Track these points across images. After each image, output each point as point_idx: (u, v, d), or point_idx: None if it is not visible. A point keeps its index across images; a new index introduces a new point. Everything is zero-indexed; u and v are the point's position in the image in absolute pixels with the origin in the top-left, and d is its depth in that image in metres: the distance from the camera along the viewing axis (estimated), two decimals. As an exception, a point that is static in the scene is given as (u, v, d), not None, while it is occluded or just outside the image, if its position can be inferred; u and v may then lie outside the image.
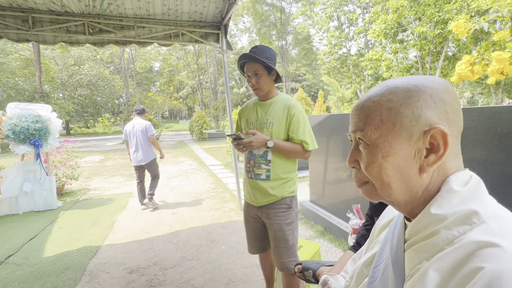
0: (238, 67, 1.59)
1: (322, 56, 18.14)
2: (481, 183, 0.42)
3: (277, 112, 1.53)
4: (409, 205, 0.45)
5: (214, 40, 3.71)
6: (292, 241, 1.56)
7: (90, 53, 25.07)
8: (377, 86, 0.47)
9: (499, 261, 0.32)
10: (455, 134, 0.43)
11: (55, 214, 4.07)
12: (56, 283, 2.31)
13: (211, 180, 5.98)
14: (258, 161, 1.55)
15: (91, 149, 13.32)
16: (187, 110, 43.55)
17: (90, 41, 3.31)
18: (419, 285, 0.38)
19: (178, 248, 2.86)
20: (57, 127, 4.56)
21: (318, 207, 3.39)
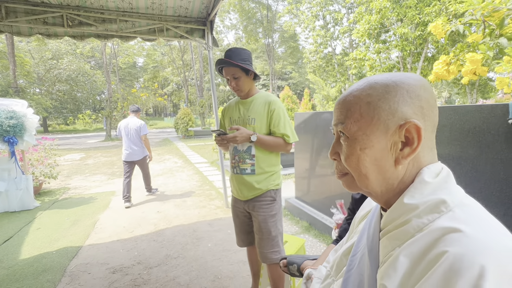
0: (216, 70, 1.64)
1: (308, 55, 18.34)
2: (450, 174, 0.45)
3: (258, 108, 1.60)
4: (386, 195, 0.47)
5: (199, 36, 3.66)
6: (274, 232, 1.62)
7: (69, 46, 24.01)
8: (359, 81, 0.49)
9: (461, 245, 0.34)
10: (429, 129, 0.45)
11: (32, 214, 3.90)
12: (34, 286, 2.22)
13: (196, 178, 5.93)
14: (242, 157, 1.60)
15: (71, 146, 12.81)
16: (172, 107, 42.74)
17: (69, 34, 3.18)
18: (390, 271, 0.40)
19: (163, 246, 2.83)
20: (34, 123, 4.35)
21: (303, 203, 3.45)
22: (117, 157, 9.13)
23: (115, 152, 10.58)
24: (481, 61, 1.94)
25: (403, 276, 0.38)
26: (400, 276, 0.38)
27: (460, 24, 2.17)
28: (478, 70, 1.97)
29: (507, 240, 0.35)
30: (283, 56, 30.61)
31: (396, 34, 10.46)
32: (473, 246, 0.33)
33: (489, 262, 0.32)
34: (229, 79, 1.57)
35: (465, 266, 0.32)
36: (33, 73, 20.22)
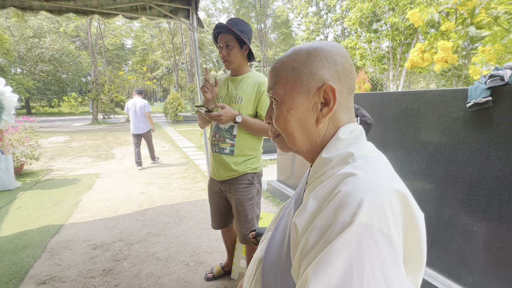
0: (213, 38, 1.55)
1: (300, 42, 18.16)
2: (363, 132, 0.51)
3: (247, 88, 1.52)
4: (311, 153, 0.53)
5: (184, 16, 3.57)
6: (251, 215, 1.61)
7: (52, 24, 22.88)
8: (288, 50, 0.54)
9: (352, 184, 0.40)
10: (345, 91, 0.51)
11: (13, 194, 3.87)
12: (14, 261, 2.25)
13: (183, 161, 5.95)
14: (223, 135, 1.55)
15: (55, 129, 12.49)
16: (162, 92, 41.84)
17: (45, 8, 3.05)
18: (301, 211, 0.46)
19: (145, 225, 2.89)
20: (13, 102, 4.22)
21: (285, 186, 3.55)
22: (103, 141, 9.00)
23: (101, 135, 10.41)
24: (451, 49, 2.01)
25: (310, 214, 0.44)
26: (308, 214, 0.44)
27: (436, 12, 2.22)
28: (449, 58, 2.05)
29: (389, 181, 0.41)
30: (275, 43, 30.19)
31: (387, 23, 10.47)
32: (359, 185, 0.40)
33: (367, 196, 0.38)
34: (221, 47, 1.49)
35: (349, 200, 0.38)
36: (13, 51, 19.26)
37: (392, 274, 0.35)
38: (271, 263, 0.56)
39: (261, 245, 0.68)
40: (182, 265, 2.16)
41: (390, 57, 11.52)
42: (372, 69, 15.50)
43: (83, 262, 2.23)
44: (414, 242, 0.41)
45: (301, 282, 0.38)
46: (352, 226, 0.36)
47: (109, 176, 4.78)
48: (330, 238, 0.37)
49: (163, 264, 2.18)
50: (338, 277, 0.34)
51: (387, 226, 0.36)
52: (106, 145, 8.21)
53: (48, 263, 2.22)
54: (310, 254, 0.39)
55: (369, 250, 0.35)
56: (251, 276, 0.62)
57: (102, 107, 16.18)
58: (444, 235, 1.69)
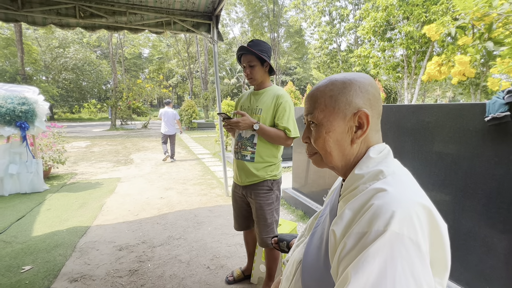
0: (237, 59, 1.73)
1: (313, 51, 18.29)
2: (390, 152, 0.60)
3: (267, 100, 1.68)
4: (344, 169, 0.62)
5: (205, 30, 3.78)
6: (270, 220, 1.72)
7: (76, 35, 24.14)
8: (324, 79, 0.64)
9: (383, 199, 0.48)
10: (375, 116, 0.60)
11: (42, 196, 4.11)
12: (47, 259, 2.42)
13: (199, 167, 6.11)
14: (244, 143, 1.71)
15: (77, 134, 13.06)
16: (177, 99, 42.86)
17: (81, 25, 3.32)
18: (338, 220, 0.54)
19: (166, 228, 3.01)
20: (44, 110, 4.53)
21: (300, 193, 3.61)
22: (122, 146, 9.35)
23: (119, 141, 10.80)
24: (469, 63, 2.05)
25: (346, 223, 0.52)
26: (345, 223, 0.53)
27: (452, 27, 2.27)
28: (467, 71, 2.09)
29: (415, 196, 0.50)
30: (288, 51, 30.46)
31: (401, 32, 10.44)
32: (390, 199, 0.48)
33: (398, 209, 0.46)
34: (245, 67, 1.66)
35: (382, 212, 0.46)
36: (40, 60, 20.43)
37: (421, 275, 0.42)
38: (310, 264, 0.64)
39: (298, 248, 0.77)
40: (203, 268, 2.25)
41: (404, 66, 11.44)
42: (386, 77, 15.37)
43: (110, 262, 2.37)
44: (439, 249, 0.48)
45: (341, 280, 0.46)
46: (386, 234, 0.43)
47: (129, 181, 4.99)
48: (366, 243, 0.45)
49: (185, 266, 2.28)
50: (375, 276, 0.41)
51: (415, 234, 0.44)
52: (125, 150, 8.53)
53: (79, 262, 2.37)
54: (348, 257, 0.47)
55: (401, 254, 0.42)
56: (291, 276, 0.71)
57: (120, 114, 16.80)
58: (463, 247, 1.70)
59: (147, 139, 11.31)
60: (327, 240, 0.59)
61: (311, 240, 0.69)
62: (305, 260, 0.67)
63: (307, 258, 0.66)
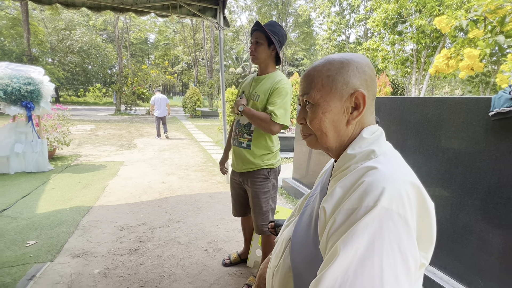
0: (250, 35, 1.68)
1: (321, 42, 17.97)
2: (383, 133, 0.61)
3: (265, 86, 1.62)
4: (338, 150, 0.62)
5: (211, 15, 3.72)
6: (266, 208, 1.72)
7: (82, 18, 23.93)
8: (320, 59, 0.63)
9: (374, 176, 0.49)
10: (371, 97, 0.60)
11: (46, 176, 4.19)
12: (51, 235, 2.49)
13: (201, 155, 6.15)
14: (242, 130, 1.69)
15: (82, 118, 13.15)
16: (181, 86, 42.72)
17: (86, 5, 3.29)
18: (329, 198, 0.55)
19: (166, 212, 3.07)
20: (50, 91, 4.55)
21: (300, 184, 3.63)
22: (126, 131, 9.41)
23: (123, 126, 10.87)
24: (478, 57, 2.01)
25: (337, 200, 0.53)
26: (335, 200, 0.54)
27: (464, 19, 2.21)
28: (475, 65, 2.05)
29: (405, 175, 0.50)
30: (295, 42, 29.96)
31: (412, 25, 10.17)
32: (380, 176, 0.49)
33: (388, 185, 0.47)
34: (252, 43, 1.61)
35: (372, 188, 0.47)
36: (46, 42, 20.37)
37: (407, 248, 0.43)
38: (299, 241, 0.66)
39: (287, 228, 0.78)
40: (201, 251, 2.30)
41: (414, 60, 11.20)
42: (394, 72, 15.12)
43: (111, 241, 2.43)
44: (426, 225, 0.49)
45: (330, 254, 0.47)
46: (375, 209, 0.45)
47: (132, 165, 5.05)
48: (355, 218, 0.46)
49: (184, 248, 2.34)
50: (363, 249, 0.43)
51: (404, 210, 0.45)
52: (129, 135, 8.59)
53: (81, 239, 2.44)
54: (338, 232, 0.48)
55: (389, 229, 0.44)
56: (280, 253, 0.73)
57: (124, 99, 16.82)
58: (459, 241, 1.72)
59: (151, 125, 11.34)
60: (317, 218, 0.60)
61: (301, 219, 0.71)
62: (294, 238, 0.68)
63: (296, 236, 0.68)
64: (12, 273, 1.94)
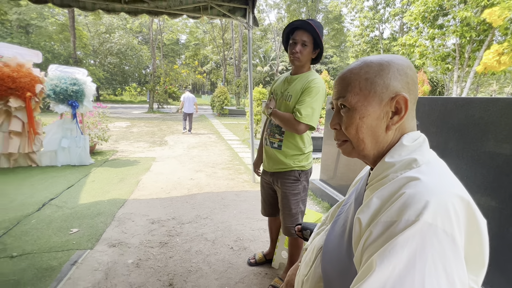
0: (286, 31, 1.57)
1: (352, 38, 17.29)
2: (426, 140, 0.56)
3: (298, 86, 1.57)
4: (376, 157, 0.58)
5: (241, 15, 3.75)
6: (295, 210, 1.68)
7: (121, 21, 25.52)
8: (356, 61, 0.59)
9: (416, 187, 0.45)
10: (412, 101, 0.55)
11: (88, 169, 4.54)
12: (91, 224, 2.69)
13: (228, 153, 6.26)
14: (273, 131, 1.67)
15: (119, 115, 14.05)
16: (210, 85, 43.81)
17: (125, 10, 3.49)
18: (365, 208, 0.52)
19: (194, 208, 3.17)
20: (92, 91, 4.92)
21: (327, 185, 3.54)
22: (157, 128, 9.88)
23: (156, 123, 11.42)
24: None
25: (374, 211, 0.50)
26: (372, 211, 0.50)
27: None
28: (533, 61, 1.83)
29: (452, 187, 0.46)
30: (325, 39, 29.16)
31: (456, 18, 9.37)
32: (423, 188, 0.45)
33: (432, 199, 0.43)
34: (295, 43, 1.51)
35: (414, 201, 0.43)
36: (89, 45, 22.06)
37: (454, 269, 0.39)
38: (331, 251, 0.63)
39: (319, 236, 0.76)
40: (227, 248, 2.34)
41: (456, 56, 10.32)
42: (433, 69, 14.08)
43: (143, 233, 2.57)
44: (476, 245, 0.44)
45: (365, 268, 0.44)
46: (417, 224, 0.41)
47: (163, 161, 5.29)
48: (394, 232, 0.42)
49: (211, 244, 2.39)
50: (402, 266, 0.40)
51: (450, 227, 0.41)
52: (160, 132, 9.01)
53: (117, 230, 2.61)
54: (374, 245, 0.45)
55: (432, 246, 0.40)
56: (310, 262, 0.70)
57: (157, 98, 17.67)
58: (508, 257, 1.55)
59: (181, 122, 11.78)
60: (351, 228, 0.57)
61: (333, 228, 0.68)
62: (326, 247, 0.66)
63: (328, 245, 0.65)
64: (58, 258, 2.13)
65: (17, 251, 2.19)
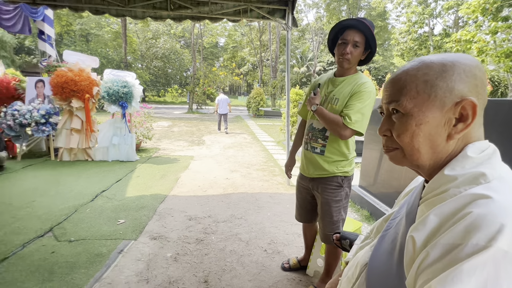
0: (335, 30, 1.47)
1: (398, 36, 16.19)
2: (496, 151, 0.48)
3: (346, 89, 1.49)
4: (432, 168, 0.52)
5: (280, 16, 3.74)
6: (336, 217, 1.60)
7: (165, 27, 27.26)
8: (412, 61, 0.53)
9: (486, 207, 0.39)
10: (481, 106, 0.48)
11: (134, 165, 4.92)
12: (136, 216, 2.90)
13: (263, 154, 6.28)
14: (316, 135, 1.59)
15: (161, 115, 15.00)
16: (246, 87, 44.56)
17: (170, 16, 3.71)
18: (420, 226, 0.46)
19: (229, 207, 3.23)
20: (139, 92, 5.33)
21: (367, 192, 3.34)
22: (196, 128, 10.33)
23: (194, 123, 11.95)
24: None
25: (430, 231, 0.44)
26: (428, 230, 0.44)
27: None
28: None
29: None
30: (367, 37, 27.77)
31: (525, 8, 8.20)
32: (496, 208, 0.38)
33: (509, 222, 0.36)
34: (345, 43, 1.42)
35: (486, 223, 0.37)
36: (138, 50, 23.99)
37: None
38: (378, 270, 0.58)
39: (363, 251, 0.70)
40: (261, 250, 2.34)
41: (524, 52, 9.01)
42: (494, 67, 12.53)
43: (181, 229, 2.69)
44: None
45: None
46: (489, 250, 0.35)
47: (200, 160, 5.50)
48: (458, 257, 0.37)
49: (244, 245, 2.41)
50: None
51: None
52: (198, 132, 9.40)
53: (157, 224, 2.77)
54: (431, 269, 0.40)
55: (509, 277, 0.34)
56: (353, 279, 0.65)
57: (196, 99, 18.50)
58: None
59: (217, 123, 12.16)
60: (402, 247, 0.51)
61: (380, 244, 0.62)
62: (371, 265, 0.60)
63: (374, 262, 0.60)
64: (107, 245, 2.33)
65: (74, 236, 2.45)
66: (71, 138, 4.96)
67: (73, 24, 22.28)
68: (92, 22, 22.49)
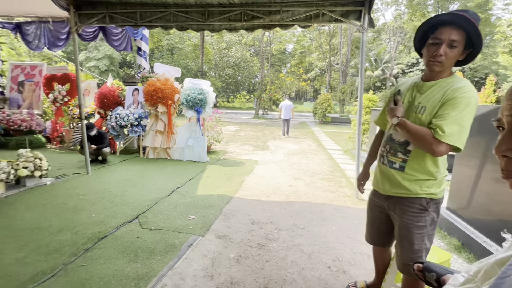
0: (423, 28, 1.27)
1: (506, 28, 13.34)
2: None
3: (436, 95, 1.24)
4: None
5: (355, 18, 3.51)
6: (418, 246, 1.36)
7: (237, 37, 29.08)
8: None
9: None
10: None
11: (204, 165, 5.34)
12: (204, 214, 3.12)
13: (328, 163, 5.98)
14: (395, 148, 1.38)
15: (230, 120, 15.98)
16: (313, 92, 43.64)
17: (244, 27, 3.91)
18: None
19: (291, 215, 3.17)
20: (212, 99, 5.79)
21: (457, 217, 2.79)
22: (261, 133, 10.60)
23: (260, 128, 12.29)
24: None
25: None
26: None
27: None
28: None
29: None
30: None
31: None
32: None
33: None
34: (437, 43, 1.20)
35: None
36: (212, 60, 26.26)
37: None
38: None
39: None
40: (324, 267, 2.20)
41: None
42: None
43: (244, 232, 2.76)
44: None
45: None
46: None
47: (264, 165, 5.60)
48: None
49: (307, 258, 2.31)
50: None
51: None
52: (263, 137, 9.62)
53: (223, 224, 2.91)
54: None
55: None
56: None
57: (262, 104, 19.04)
58: None
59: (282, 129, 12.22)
60: None
61: None
62: None
63: None
64: (180, 238, 2.56)
65: (154, 225, 2.79)
66: (156, 139, 5.73)
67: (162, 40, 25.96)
68: (176, 37, 25.76)
